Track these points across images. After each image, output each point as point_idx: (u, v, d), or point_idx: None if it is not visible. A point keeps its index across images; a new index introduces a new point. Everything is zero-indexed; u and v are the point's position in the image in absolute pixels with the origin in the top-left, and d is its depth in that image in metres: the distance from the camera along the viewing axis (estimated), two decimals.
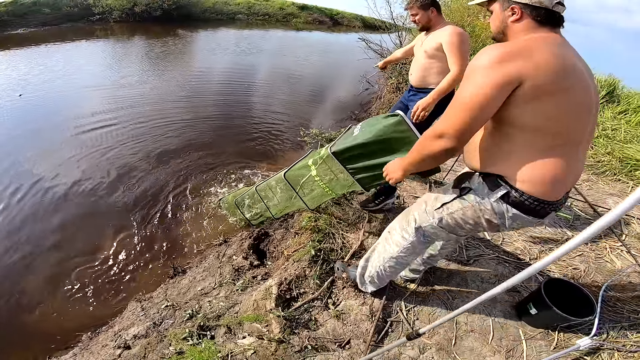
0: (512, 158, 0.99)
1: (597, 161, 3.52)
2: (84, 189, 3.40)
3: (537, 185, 0.97)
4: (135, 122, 4.82)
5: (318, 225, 2.11)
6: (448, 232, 1.24)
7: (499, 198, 1.02)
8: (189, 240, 2.89)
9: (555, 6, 0.93)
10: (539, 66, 0.86)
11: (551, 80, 0.86)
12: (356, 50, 8.50)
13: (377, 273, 1.56)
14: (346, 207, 2.31)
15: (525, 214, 1.02)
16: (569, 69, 0.88)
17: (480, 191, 1.07)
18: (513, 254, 2.21)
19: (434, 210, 1.20)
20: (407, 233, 1.34)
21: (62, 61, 7.47)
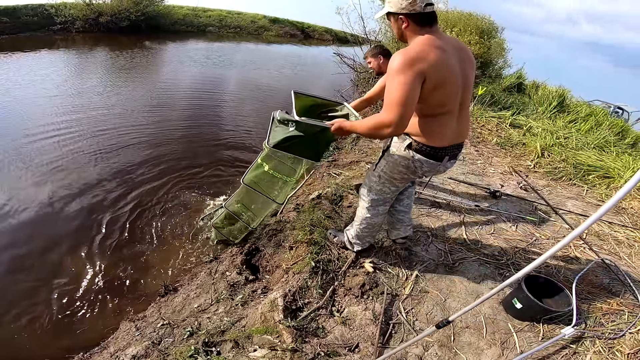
0: (415, 123, 1.44)
1: (554, 168, 3.94)
2: (51, 207, 3.22)
3: (427, 137, 1.44)
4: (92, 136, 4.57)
5: (314, 238, 2.20)
6: (389, 185, 1.72)
7: (406, 147, 1.49)
8: (176, 258, 2.81)
9: (425, 8, 1.31)
10: (433, 66, 1.26)
11: (440, 76, 1.29)
12: (328, 64, 8.78)
13: (357, 234, 2.04)
14: (337, 220, 2.43)
15: (426, 157, 1.48)
16: (448, 62, 1.31)
17: (396, 146, 1.56)
18: (492, 255, 2.43)
19: (372, 171, 1.74)
20: (365, 197, 1.84)
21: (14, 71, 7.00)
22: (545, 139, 4.43)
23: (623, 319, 1.96)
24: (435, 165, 1.52)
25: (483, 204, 2.97)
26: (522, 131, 4.94)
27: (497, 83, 8.16)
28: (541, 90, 7.81)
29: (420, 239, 2.46)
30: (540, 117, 5.88)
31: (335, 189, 2.72)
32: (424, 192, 2.90)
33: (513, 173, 3.70)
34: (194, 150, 4.58)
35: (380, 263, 2.23)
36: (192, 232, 3.10)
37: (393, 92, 1.25)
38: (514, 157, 4.18)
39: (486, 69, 9.16)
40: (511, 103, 6.40)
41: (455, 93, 1.40)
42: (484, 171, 3.70)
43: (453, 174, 3.47)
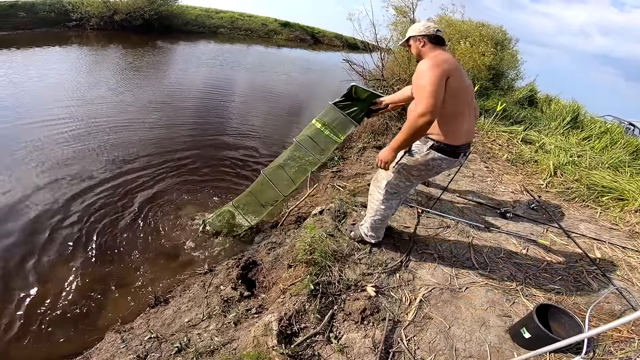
0: (435, 125, 1.67)
1: (567, 188, 3.79)
2: (42, 204, 3.14)
3: (447, 137, 1.68)
4: (100, 135, 4.53)
5: (314, 258, 2.10)
6: (405, 181, 1.92)
7: (428, 147, 1.72)
8: (169, 268, 2.70)
9: (437, 32, 1.75)
10: (452, 69, 1.58)
11: (458, 78, 1.62)
12: (337, 69, 8.65)
13: (371, 226, 2.19)
14: (340, 239, 2.33)
15: (446, 155, 1.72)
16: (461, 72, 1.65)
17: (419, 147, 1.76)
18: (501, 280, 2.31)
19: (393, 167, 1.87)
20: (380, 189, 2.00)
21: (24, 67, 7.04)
22: (558, 157, 4.28)
23: (633, 347, 1.86)
24: (452, 161, 1.77)
25: (493, 225, 2.84)
26: (534, 147, 4.79)
27: (509, 95, 8.00)
28: (554, 104, 7.63)
29: (426, 262, 2.35)
30: (553, 132, 5.72)
31: (339, 205, 2.62)
32: (432, 212, 2.78)
33: (524, 192, 3.56)
34: (198, 154, 4.51)
35: (383, 286, 2.12)
36: (188, 240, 3.01)
37: (422, 86, 1.54)
38: (526, 175, 4.04)
39: (497, 81, 9.03)
40: (523, 117, 6.25)
41: (466, 98, 1.71)
42: (494, 189, 3.57)
43: (462, 192, 3.35)
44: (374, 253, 2.31)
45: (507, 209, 2.96)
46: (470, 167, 3.96)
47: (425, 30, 1.75)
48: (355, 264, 2.21)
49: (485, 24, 9.21)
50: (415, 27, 1.81)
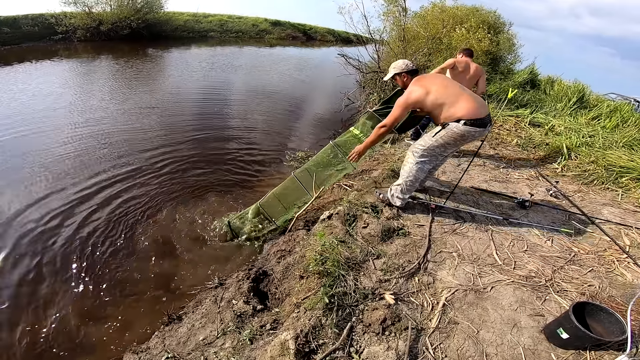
0: (454, 112, 2.12)
1: (584, 170, 3.62)
2: (48, 218, 3.12)
3: (468, 114, 2.08)
4: (98, 150, 4.47)
5: (326, 268, 1.94)
6: (441, 148, 2.25)
7: (463, 124, 2.07)
8: (179, 282, 2.65)
9: (413, 67, 2.36)
10: (428, 87, 2.16)
11: (438, 84, 2.18)
12: (332, 65, 8.51)
13: (401, 188, 2.44)
14: (352, 245, 2.16)
15: (476, 127, 2.08)
16: (429, 85, 2.17)
17: (454, 124, 2.11)
18: (529, 276, 2.15)
19: (432, 137, 2.22)
20: (417, 153, 2.30)
21: (22, 82, 6.98)
22: (570, 139, 4.10)
23: None
24: (482, 131, 2.12)
25: (511, 216, 2.68)
26: (543, 130, 4.61)
27: (509, 80, 7.80)
28: (557, 85, 7.41)
29: (446, 262, 2.19)
30: (560, 114, 5.53)
31: (348, 208, 2.46)
32: (447, 205, 2.62)
33: (540, 178, 3.39)
34: (203, 164, 4.42)
35: (402, 292, 1.96)
36: (197, 252, 2.92)
37: (394, 110, 2.24)
38: (539, 159, 3.86)
39: (496, 66, 8.86)
40: (528, 100, 6.06)
41: (454, 90, 2.16)
42: (508, 177, 3.39)
43: (475, 182, 3.19)
44: (390, 257, 2.15)
45: (525, 198, 2.79)
46: (479, 154, 3.79)
47: (405, 67, 2.34)
48: (370, 271, 2.05)
49: (479, 8, 9.02)
50: (397, 65, 2.36)
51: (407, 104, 2.18)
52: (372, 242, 2.22)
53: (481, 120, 2.09)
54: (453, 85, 2.22)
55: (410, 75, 2.32)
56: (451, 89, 2.17)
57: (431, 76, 2.30)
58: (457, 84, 2.26)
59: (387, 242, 2.25)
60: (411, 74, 2.33)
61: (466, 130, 2.10)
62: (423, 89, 2.14)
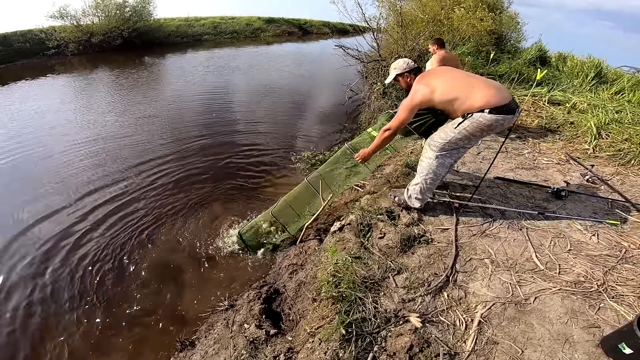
0: (474, 103, 1.86)
1: (618, 150, 3.25)
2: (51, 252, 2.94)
3: (491, 102, 1.83)
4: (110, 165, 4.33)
5: (340, 291, 1.66)
6: (465, 140, 1.97)
7: (488, 112, 1.81)
8: (188, 306, 2.50)
9: (414, 66, 2.13)
10: (433, 85, 1.94)
11: (443, 79, 1.97)
12: (332, 58, 8.18)
13: (420, 188, 2.16)
14: (369, 261, 1.86)
15: (503, 114, 1.82)
16: (432, 81, 1.97)
17: (479, 114, 1.84)
18: (577, 281, 1.83)
19: (454, 128, 1.94)
20: (436, 147, 2.03)
21: (23, 100, 6.88)
22: (598, 116, 3.71)
23: None
24: (511, 118, 1.87)
25: (547, 208, 2.35)
26: (565, 108, 4.22)
27: (518, 58, 7.38)
28: (570, 61, 7.00)
29: (478, 271, 1.88)
30: (579, 90, 5.14)
31: (360, 217, 2.16)
32: (471, 203, 2.30)
33: (571, 161, 3.03)
34: (205, 173, 4.22)
35: (429, 312, 1.67)
36: (207, 271, 2.77)
37: (399, 112, 2.02)
38: (566, 140, 3.49)
39: (501, 45, 8.51)
40: (542, 78, 5.66)
41: (464, 82, 1.94)
42: (536, 163, 3.04)
43: (499, 171, 2.85)
44: (412, 271, 1.85)
45: (561, 187, 2.45)
46: (499, 139, 3.43)
47: (407, 67, 2.12)
48: (391, 290, 1.76)
49: None
50: (398, 65, 2.14)
51: (413, 105, 1.98)
52: (390, 255, 1.92)
53: (507, 107, 1.83)
54: (460, 75, 2.01)
55: (414, 74, 2.12)
56: (459, 79, 1.96)
57: (434, 71, 2.12)
58: (463, 73, 2.06)
59: (408, 253, 1.95)
60: (414, 73, 2.13)
61: (494, 119, 1.83)
62: (427, 87, 1.96)
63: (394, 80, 2.20)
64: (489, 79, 2.00)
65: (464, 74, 2.04)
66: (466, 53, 6.53)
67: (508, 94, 1.89)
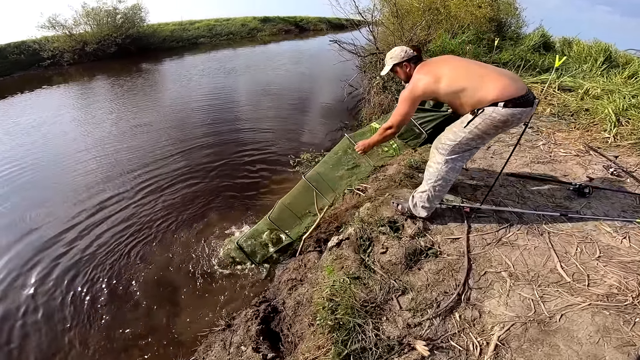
0: (485, 95, 1.64)
1: (639, 138, 2.97)
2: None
3: (503, 94, 1.61)
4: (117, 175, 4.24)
5: (337, 318, 1.44)
6: (477, 140, 1.74)
7: (503, 106, 1.60)
8: (185, 324, 2.40)
9: (412, 54, 1.89)
10: (437, 76, 1.71)
11: (448, 71, 1.72)
12: (329, 54, 7.95)
13: (427, 196, 1.91)
14: (369, 280, 1.64)
15: (521, 107, 1.61)
16: (439, 73, 1.72)
17: (492, 109, 1.62)
18: (609, 294, 1.59)
19: (463, 128, 1.72)
20: (445, 150, 1.80)
21: (28, 115, 6.82)
22: (614, 102, 3.43)
23: None
24: (529, 111, 1.65)
25: (570, 209, 2.10)
26: (577, 95, 3.93)
27: (521, 44, 7.08)
28: (576, 46, 6.70)
29: (494, 287, 1.65)
30: (590, 75, 4.85)
31: (361, 229, 1.93)
32: (484, 207, 2.05)
33: (591, 152, 2.76)
34: (199, 178, 4.11)
35: (439, 336, 1.45)
36: (204, 287, 2.66)
37: (399, 107, 1.81)
38: (582, 129, 3.21)
39: (502, 31, 8.22)
40: (549, 64, 5.38)
41: (462, 75, 1.70)
42: (553, 156, 2.77)
43: (514, 166, 2.59)
44: (419, 290, 1.62)
45: (585, 183, 2.19)
46: (511, 131, 3.17)
47: (405, 55, 1.87)
48: (394, 313, 1.53)
49: None
50: (394, 54, 1.89)
51: (414, 96, 1.76)
52: (394, 273, 1.70)
53: (524, 98, 1.60)
54: (467, 63, 1.78)
55: (413, 63, 1.88)
56: (468, 68, 1.74)
57: (438, 59, 1.87)
58: (471, 61, 1.83)
59: (414, 269, 1.72)
60: (413, 61, 1.88)
61: (510, 113, 1.60)
62: (430, 75, 1.73)
63: (391, 72, 1.96)
64: (499, 68, 1.77)
65: (472, 62, 1.81)
66: (466, 41, 6.25)
67: (523, 84, 1.66)
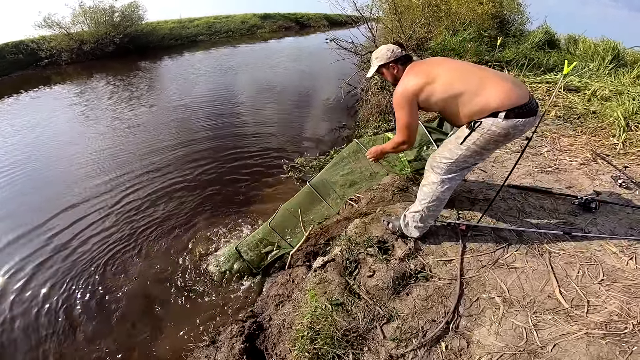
0: (484, 103, 1.48)
1: None
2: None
3: (505, 103, 1.46)
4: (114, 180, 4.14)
5: (317, 348, 1.33)
6: (476, 156, 1.62)
7: (504, 118, 1.46)
8: (171, 338, 2.30)
9: (402, 53, 1.72)
10: (430, 78, 1.55)
11: (444, 74, 1.55)
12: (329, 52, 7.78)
13: (422, 215, 1.79)
14: (352, 307, 1.52)
15: (521, 117, 1.46)
16: (432, 73, 1.56)
17: (491, 121, 1.49)
18: (607, 322, 1.46)
19: (460, 145, 1.60)
20: (440, 169, 1.69)
21: (32, 116, 6.77)
22: (624, 105, 3.26)
23: None
24: (532, 120, 1.52)
25: (574, 225, 1.96)
26: (584, 96, 3.75)
27: (525, 42, 6.85)
28: (582, 44, 6.47)
29: (485, 313, 1.52)
30: (597, 75, 4.65)
31: (347, 250, 1.81)
32: (482, 224, 1.92)
33: (598, 160, 2.61)
34: (193, 186, 3.97)
35: None
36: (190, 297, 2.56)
37: (400, 119, 1.65)
38: (590, 133, 3.04)
39: (505, 28, 7.99)
40: (553, 63, 5.17)
41: (459, 77, 1.54)
42: (557, 164, 2.62)
43: (515, 176, 2.44)
44: (405, 318, 1.50)
45: (591, 197, 2.04)
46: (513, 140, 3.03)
47: (392, 55, 1.71)
48: (377, 343, 1.42)
49: None
50: (380, 54, 1.74)
51: (407, 100, 1.57)
52: (380, 299, 1.58)
53: (527, 107, 1.45)
54: (464, 65, 1.63)
55: (401, 65, 1.71)
56: (466, 70, 1.57)
57: (431, 60, 1.70)
58: (470, 63, 1.66)
59: (402, 294, 1.60)
60: (401, 62, 1.71)
61: (511, 125, 1.46)
62: (421, 76, 1.56)
63: (377, 74, 1.80)
64: (500, 72, 1.61)
65: (468, 63, 1.66)
66: (468, 39, 6.05)
67: (526, 90, 1.52)
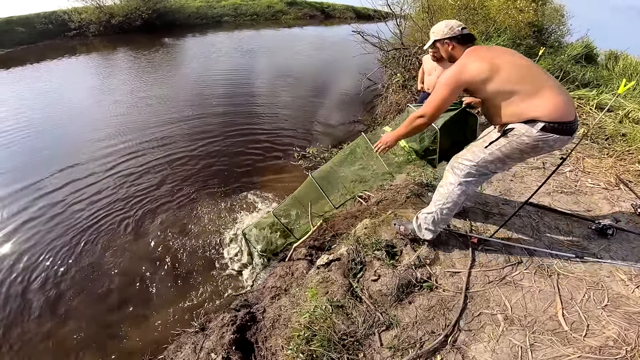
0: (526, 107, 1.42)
1: None
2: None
3: (551, 114, 1.38)
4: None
5: (312, 349, 1.35)
6: (498, 163, 1.58)
7: (540, 129, 1.39)
8: (161, 320, 2.37)
9: (462, 32, 1.60)
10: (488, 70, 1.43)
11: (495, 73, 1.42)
12: (352, 44, 7.66)
13: (433, 218, 1.76)
14: (353, 311, 1.52)
15: (559, 134, 1.40)
16: (497, 62, 1.43)
17: (525, 128, 1.43)
18: (603, 346, 1.44)
19: (484, 148, 1.57)
20: (460, 171, 1.64)
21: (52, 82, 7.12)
22: None
23: None
24: (566, 140, 1.45)
25: (587, 250, 1.91)
26: (617, 116, 3.59)
27: (562, 54, 6.56)
28: (622, 61, 6.14)
29: (485, 329, 1.51)
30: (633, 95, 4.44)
31: (354, 251, 1.81)
32: (494, 240, 1.89)
33: (622, 186, 2.52)
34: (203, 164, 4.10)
35: None
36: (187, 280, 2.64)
37: (436, 96, 1.53)
38: (616, 157, 2.92)
39: (542, 38, 7.66)
40: (589, 78, 4.94)
41: (519, 75, 1.43)
42: (579, 186, 2.54)
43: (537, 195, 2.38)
44: (405, 327, 1.50)
45: (609, 223, 1.98)
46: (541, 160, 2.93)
47: (449, 31, 1.62)
48: (374, 350, 1.43)
49: None
50: (437, 29, 1.67)
51: (459, 82, 1.46)
52: (382, 305, 1.58)
53: (569, 126, 1.39)
54: (531, 66, 1.47)
55: (460, 44, 1.59)
56: (530, 70, 1.45)
57: (496, 48, 1.57)
58: (536, 65, 1.50)
59: (405, 302, 1.60)
60: (460, 42, 1.59)
61: (542, 139, 1.40)
62: (486, 62, 1.44)
63: (432, 48, 1.72)
64: (559, 82, 1.51)
65: (534, 64, 1.51)
66: (501, 46, 5.82)
67: (574, 109, 1.44)
